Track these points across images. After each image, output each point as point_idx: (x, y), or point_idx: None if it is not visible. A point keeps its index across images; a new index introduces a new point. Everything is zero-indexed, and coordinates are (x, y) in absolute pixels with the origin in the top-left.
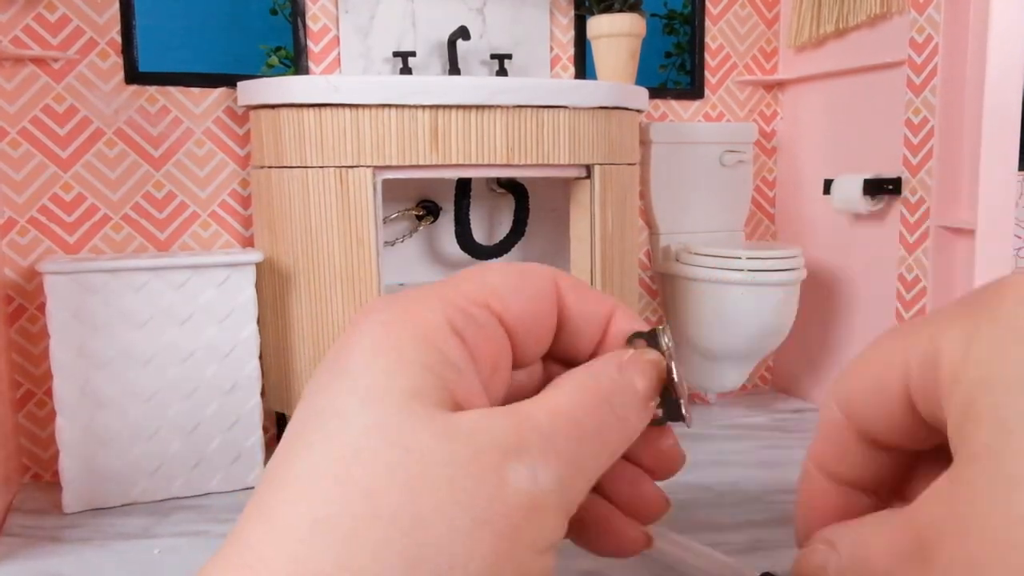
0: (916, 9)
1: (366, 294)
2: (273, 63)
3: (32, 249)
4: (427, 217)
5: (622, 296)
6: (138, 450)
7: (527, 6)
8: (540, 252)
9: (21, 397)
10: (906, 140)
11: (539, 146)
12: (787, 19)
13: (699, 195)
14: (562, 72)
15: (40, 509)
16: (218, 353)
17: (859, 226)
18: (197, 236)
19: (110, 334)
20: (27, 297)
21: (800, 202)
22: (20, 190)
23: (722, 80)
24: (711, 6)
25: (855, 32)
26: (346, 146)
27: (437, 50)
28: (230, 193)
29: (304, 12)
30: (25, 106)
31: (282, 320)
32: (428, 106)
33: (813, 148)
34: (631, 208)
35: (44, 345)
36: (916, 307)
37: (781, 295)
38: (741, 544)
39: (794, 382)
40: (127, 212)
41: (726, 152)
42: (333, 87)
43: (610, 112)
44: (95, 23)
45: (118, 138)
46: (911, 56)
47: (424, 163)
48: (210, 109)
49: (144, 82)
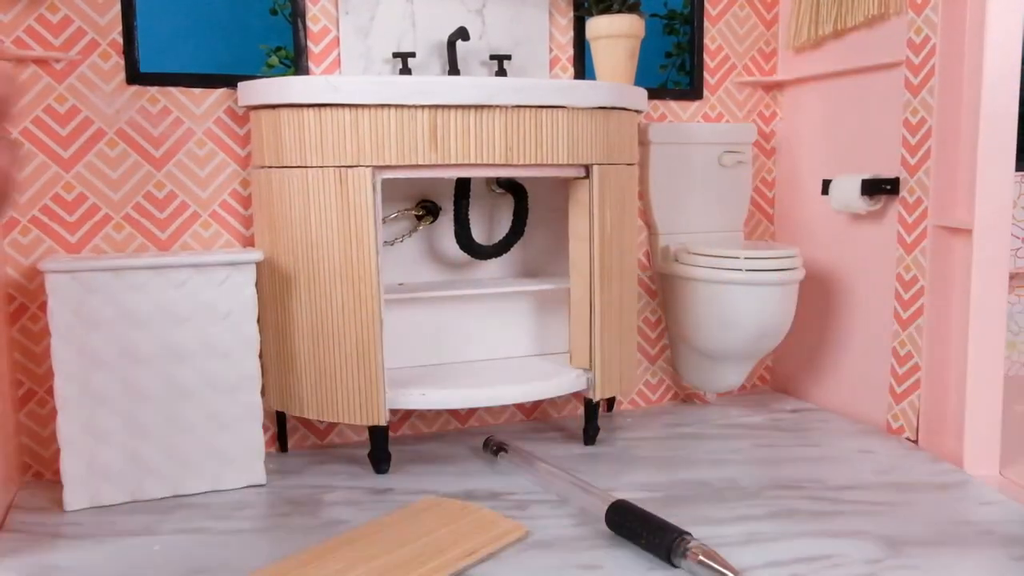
0: (914, 10)
1: (366, 293)
2: (273, 63)
3: (34, 248)
4: (427, 217)
5: (621, 296)
6: (139, 448)
7: (526, 7)
8: (539, 252)
9: (23, 396)
10: (904, 140)
11: (538, 146)
12: (786, 20)
13: (698, 195)
14: (561, 73)
15: (41, 507)
16: (218, 352)
17: (857, 226)
18: (198, 236)
19: (111, 333)
20: (29, 296)
21: (799, 202)
22: (22, 190)
23: (721, 81)
24: (710, 7)
25: (853, 33)
26: (346, 146)
27: (437, 50)
28: (230, 193)
29: (304, 12)
30: (27, 107)
31: (282, 320)
32: (427, 106)
33: (812, 149)
34: (630, 208)
35: (45, 344)
36: (914, 307)
37: (780, 295)
38: (738, 537)
39: (793, 382)
40: (128, 212)
41: (725, 152)
42: (333, 87)
43: (609, 112)
44: (97, 24)
45: (119, 138)
46: (909, 57)
47: (423, 163)
48: (211, 109)
49: (145, 83)
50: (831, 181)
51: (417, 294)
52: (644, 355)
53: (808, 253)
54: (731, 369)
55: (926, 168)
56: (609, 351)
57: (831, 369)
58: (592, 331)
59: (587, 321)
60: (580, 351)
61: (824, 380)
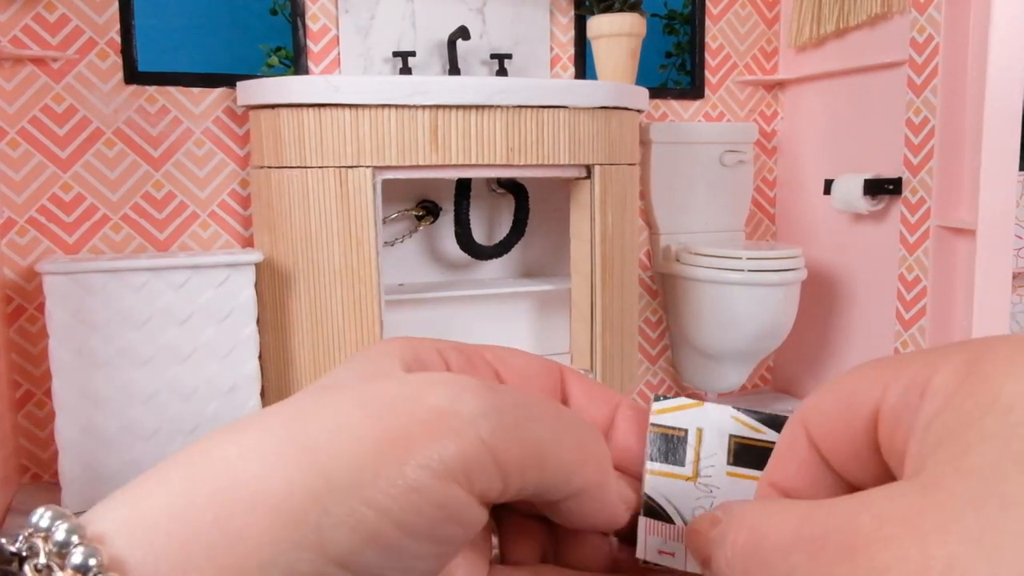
0: (917, 9)
1: (366, 294)
2: (273, 63)
3: (31, 249)
4: (427, 217)
5: (622, 296)
6: (137, 450)
7: (527, 6)
8: (540, 252)
9: (20, 397)
10: (907, 140)
11: (539, 146)
12: (787, 19)
13: (699, 195)
14: (562, 72)
15: None
16: (218, 353)
17: (859, 226)
18: (196, 236)
19: (109, 334)
20: (26, 297)
21: (800, 202)
22: (19, 190)
23: (722, 80)
24: (711, 6)
25: (856, 32)
26: (346, 146)
27: (437, 50)
28: (230, 193)
29: (304, 12)
30: (24, 106)
31: (282, 320)
32: (428, 106)
33: (813, 148)
34: (631, 208)
35: (43, 345)
36: (916, 307)
37: (781, 295)
38: None
39: (794, 382)
40: (126, 212)
41: (726, 152)
42: (333, 87)
43: (610, 112)
44: (94, 23)
45: (117, 138)
46: (912, 56)
47: (424, 163)
48: (210, 109)
49: (143, 82)
50: (833, 181)
51: (417, 295)
52: (645, 355)
53: (810, 253)
54: (732, 369)
55: (929, 168)
56: (610, 351)
57: (833, 370)
58: (593, 331)
59: (588, 321)
60: (581, 351)
61: (826, 381)
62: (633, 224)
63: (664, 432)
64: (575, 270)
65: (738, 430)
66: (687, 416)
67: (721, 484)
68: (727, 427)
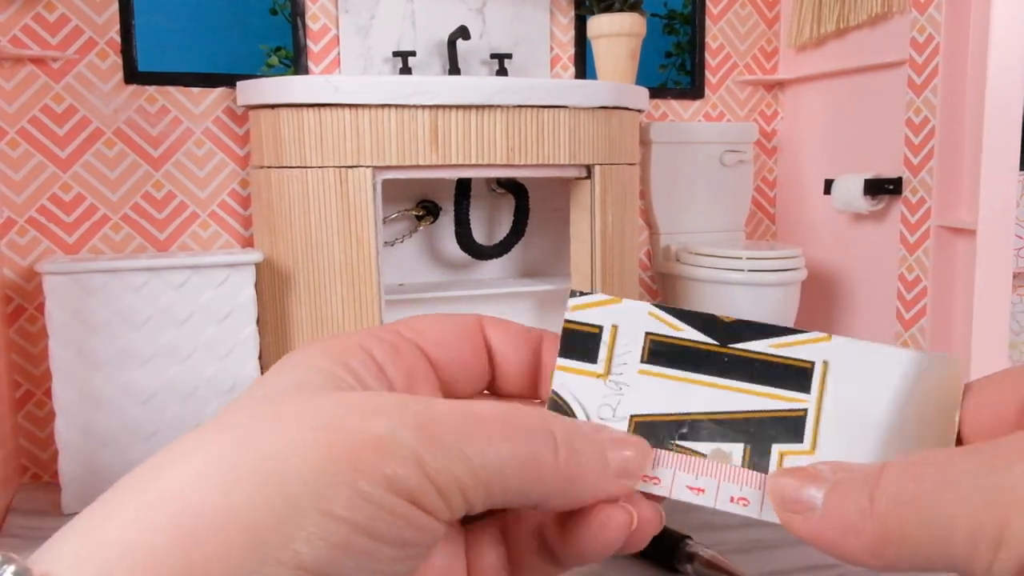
0: (917, 8)
1: (366, 294)
2: (273, 63)
3: (31, 249)
4: (427, 217)
5: (622, 296)
6: (137, 451)
7: (527, 6)
8: (540, 252)
9: (20, 397)
10: (907, 140)
11: (539, 146)
12: (787, 19)
13: (699, 195)
14: (562, 72)
15: (39, 510)
16: (218, 353)
17: (860, 226)
18: (196, 236)
19: (109, 334)
20: (26, 297)
21: (801, 202)
22: (19, 190)
23: (722, 80)
24: (711, 6)
25: (856, 32)
26: (346, 146)
27: (437, 50)
28: (230, 193)
29: (304, 12)
30: (24, 106)
31: (282, 320)
32: (428, 106)
33: (814, 148)
34: (631, 208)
35: (43, 345)
36: (916, 307)
37: (781, 295)
38: (740, 544)
39: None
40: (126, 212)
41: (726, 152)
42: (333, 87)
43: (610, 112)
44: (94, 23)
45: (117, 138)
46: (912, 56)
47: (424, 163)
48: (210, 109)
49: (143, 82)
50: (833, 181)
51: (417, 295)
52: None
53: (810, 253)
54: None
55: (929, 168)
56: None
57: None
58: None
59: None
60: None
61: None
62: (633, 224)
63: (577, 328)
64: (575, 270)
65: (655, 327)
66: (603, 312)
67: (631, 382)
68: (643, 324)
